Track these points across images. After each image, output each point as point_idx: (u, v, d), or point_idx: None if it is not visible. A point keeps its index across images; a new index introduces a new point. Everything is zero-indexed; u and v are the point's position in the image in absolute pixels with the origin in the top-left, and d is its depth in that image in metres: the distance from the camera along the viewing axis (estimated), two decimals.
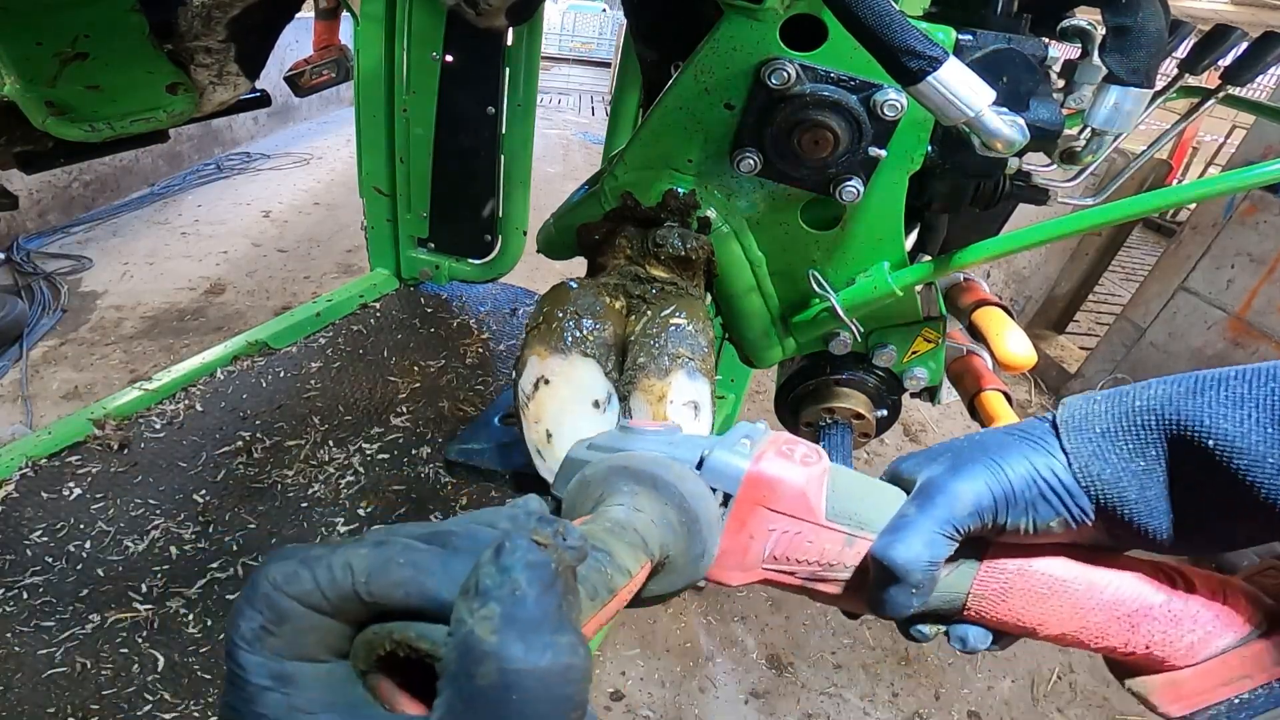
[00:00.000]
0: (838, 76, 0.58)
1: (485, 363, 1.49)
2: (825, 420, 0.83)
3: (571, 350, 0.59)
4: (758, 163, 0.62)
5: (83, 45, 0.83)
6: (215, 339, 2.53)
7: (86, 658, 0.87)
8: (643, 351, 0.59)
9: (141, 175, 4.37)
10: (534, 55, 1.47)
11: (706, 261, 0.69)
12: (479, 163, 1.56)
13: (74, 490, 1.04)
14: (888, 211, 0.68)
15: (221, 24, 0.89)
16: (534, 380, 0.59)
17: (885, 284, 0.69)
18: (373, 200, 1.64)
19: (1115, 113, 0.62)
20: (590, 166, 5.57)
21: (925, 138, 0.63)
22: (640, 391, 0.57)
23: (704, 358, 0.59)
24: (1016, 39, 0.60)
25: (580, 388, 0.58)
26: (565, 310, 0.61)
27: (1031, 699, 2.10)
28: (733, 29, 0.58)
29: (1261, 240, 2.83)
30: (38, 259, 3.37)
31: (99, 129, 0.85)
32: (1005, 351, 0.72)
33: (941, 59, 0.44)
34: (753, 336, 0.77)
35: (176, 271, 3.54)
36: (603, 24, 14.16)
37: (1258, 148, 2.95)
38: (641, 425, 0.40)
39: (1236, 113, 4.03)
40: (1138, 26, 0.58)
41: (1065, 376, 3.69)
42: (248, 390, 1.29)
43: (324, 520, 1.07)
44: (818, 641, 2.15)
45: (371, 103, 1.51)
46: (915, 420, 3.37)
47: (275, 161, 5.26)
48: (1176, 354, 3.10)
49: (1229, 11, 1.26)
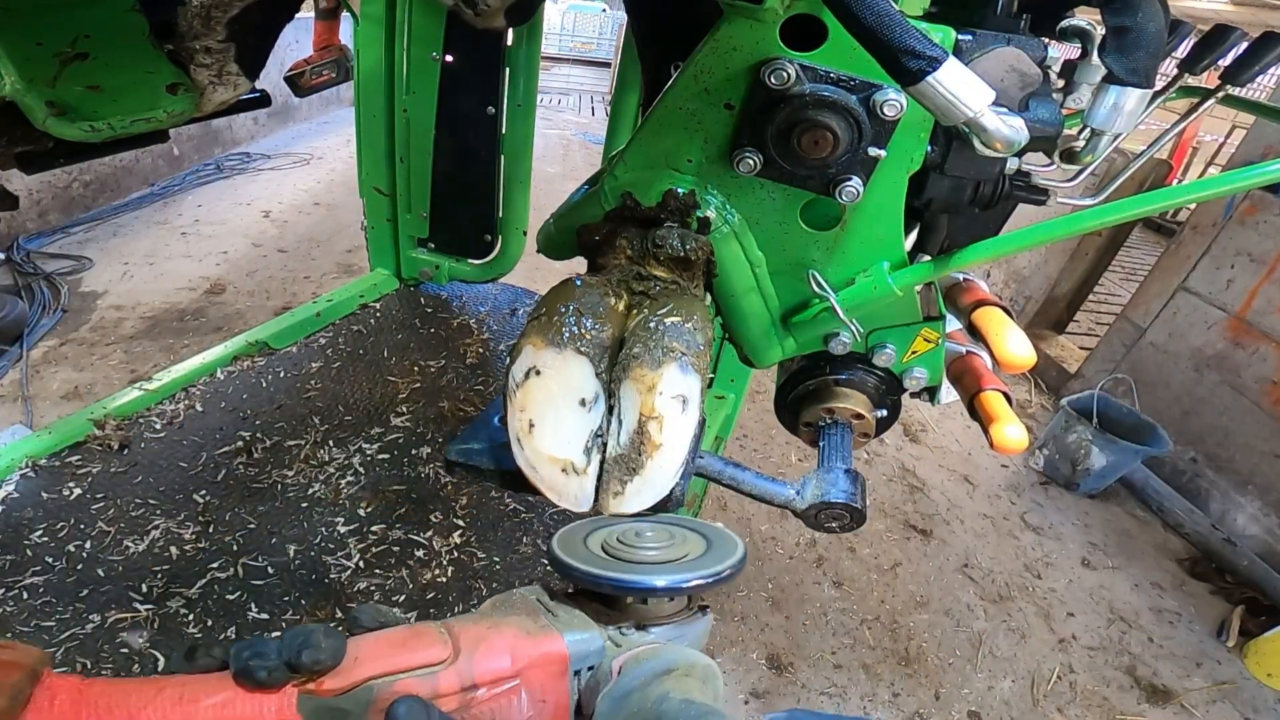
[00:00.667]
0: (838, 76, 0.58)
1: (485, 363, 1.49)
2: (825, 420, 0.83)
3: (567, 346, 0.59)
4: (757, 163, 0.62)
5: (83, 45, 0.83)
6: (215, 339, 2.53)
7: (86, 658, 0.87)
8: (638, 343, 0.59)
9: (141, 175, 4.37)
10: (534, 55, 1.47)
11: (706, 262, 0.69)
12: (479, 163, 1.56)
13: (74, 490, 1.04)
14: (887, 211, 0.68)
15: (221, 24, 0.89)
16: (525, 369, 0.59)
17: (885, 284, 0.69)
18: (373, 200, 1.64)
19: (1115, 113, 0.62)
20: (590, 166, 5.57)
21: (925, 138, 0.63)
22: (631, 380, 0.57)
23: (698, 354, 0.59)
24: (1016, 39, 0.60)
25: (569, 384, 0.59)
26: (568, 306, 0.61)
27: (1031, 699, 2.10)
28: (733, 29, 0.58)
29: (1261, 240, 2.84)
30: (38, 259, 3.37)
31: (99, 129, 0.85)
32: (1005, 351, 0.72)
33: (941, 59, 0.44)
34: (752, 336, 0.77)
35: (176, 271, 3.54)
36: (603, 24, 14.16)
37: (1258, 148, 2.95)
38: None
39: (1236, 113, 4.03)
40: (1137, 26, 0.58)
41: (1065, 376, 3.69)
42: (248, 390, 1.29)
43: (324, 520, 1.07)
44: (818, 641, 2.15)
45: (371, 103, 1.51)
46: (915, 420, 3.37)
47: (275, 161, 5.26)
48: (1176, 354, 3.10)
49: (1229, 11, 1.26)
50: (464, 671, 0.40)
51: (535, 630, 0.43)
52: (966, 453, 3.21)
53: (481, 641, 0.41)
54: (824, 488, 0.72)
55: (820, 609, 2.27)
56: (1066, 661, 2.24)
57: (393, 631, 0.42)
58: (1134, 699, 2.16)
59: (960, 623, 2.31)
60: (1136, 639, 2.38)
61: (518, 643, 0.42)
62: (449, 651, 0.40)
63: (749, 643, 2.11)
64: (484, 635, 0.42)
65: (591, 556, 0.46)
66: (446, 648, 0.40)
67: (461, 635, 0.42)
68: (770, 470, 1.82)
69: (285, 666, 0.36)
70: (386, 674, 0.38)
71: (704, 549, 0.48)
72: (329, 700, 0.37)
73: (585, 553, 0.46)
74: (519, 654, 0.41)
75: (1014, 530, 2.79)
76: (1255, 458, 2.76)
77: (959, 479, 3.03)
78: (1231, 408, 2.86)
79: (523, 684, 0.41)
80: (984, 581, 2.50)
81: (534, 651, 0.42)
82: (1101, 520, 2.93)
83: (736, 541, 0.48)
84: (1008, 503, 2.95)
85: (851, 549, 2.53)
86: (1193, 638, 2.42)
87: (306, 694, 0.37)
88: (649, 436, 0.57)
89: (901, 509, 2.78)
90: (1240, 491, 2.80)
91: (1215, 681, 2.26)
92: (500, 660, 0.41)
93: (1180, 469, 3.02)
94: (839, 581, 2.39)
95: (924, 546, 2.61)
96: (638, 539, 0.47)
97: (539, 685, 0.42)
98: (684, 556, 0.46)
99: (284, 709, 0.36)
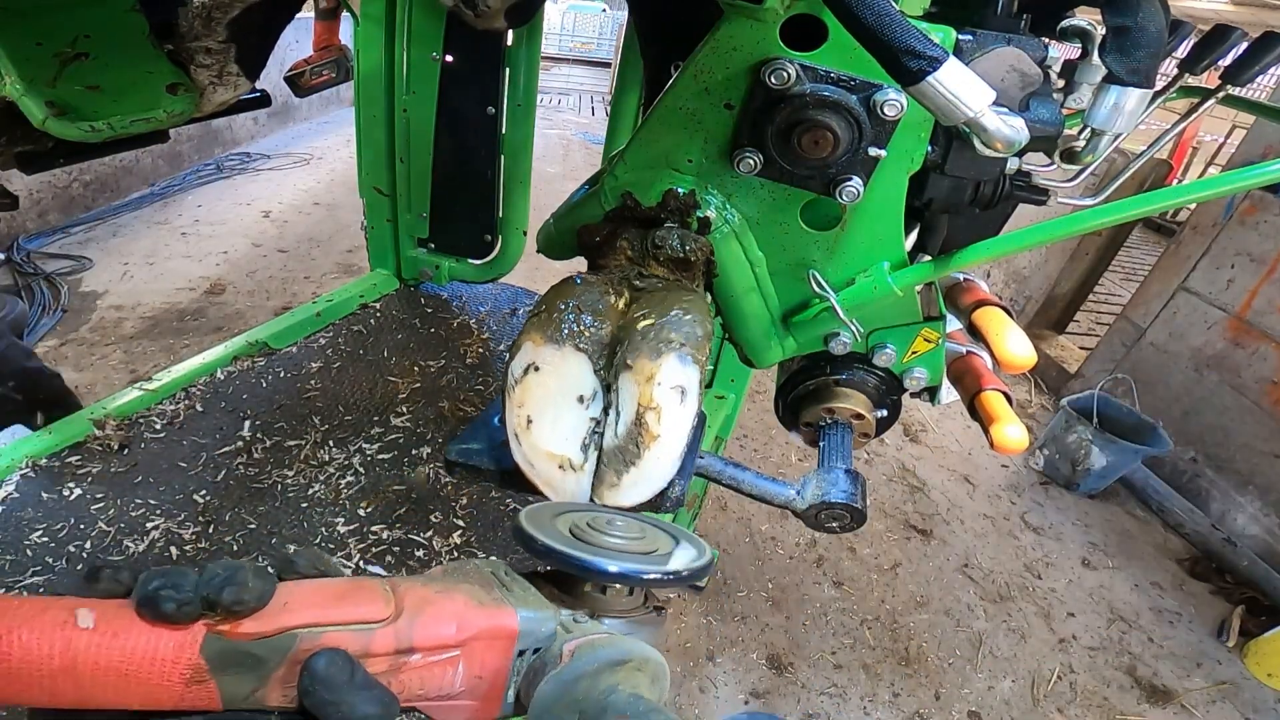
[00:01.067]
0: (838, 76, 0.58)
1: (485, 363, 1.49)
2: (825, 420, 0.83)
3: (566, 343, 0.59)
4: (758, 163, 0.62)
5: (83, 45, 0.83)
6: (215, 339, 2.53)
7: None
8: (638, 333, 0.59)
9: (141, 175, 4.37)
10: (534, 55, 1.47)
11: (706, 262, 0.69)
12: (479, 163, 1.56)
13: (74, 490, 1.04)
14: (887, 211, 0.68)
15: (221, 24, 0.89)
16: (524, 365, 0.59)
17: (885, 284, 0.69)
18: (373, 200, 1.64)
19: (1115, 113, 0.62)
20: (590, 166, 5.57)
21: (925, 138, 0.63)
22: (630, 371, 0.57)
23: (698, 346, 0.59)
24: (1017, 39, 0.60)
25: (568, 380, 0.59)
26: (568, 303, 0.61)
27: (1031, 699, 2.10)
28: (733, 29, 0.58)
29: (1261, 240, 2.84)
30: (38, 259, 3.37)
31: (99, 129, 0.85)
32: (1005, 351, 0.72)
33: (941, 59, 0.44)
34: (752, 337, 0.77)
35: (176, 271, 3.54)
36: (603, 24, 14.17)
37: (1258, 148, 2.95)
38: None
39: (1236, 113, 4.03)
40: (1138, 26, 0.58)
41: (1065, 376, 3.69)
42: (248, 390, 1.29)
43: (324, 520, 1.07)
44: (818, 641, 2.15)
45: (371, 103, 1.51)
46: (915, 420, 3.37)
47: (275, 161, 5.26)
48: (1176, 354, 3.10)
49: (1229, 11, 1.26)
50: (403, 633, 0.37)
51: (487, 601, 0.40)
52: (966, 453, 3.21)
53: (428, 604, 0.39)
54: (824, 488, 0.72)
55: (820, 609, 2.27)
56: (1066, 661, 2.24)
57: (331, 581, 0.39)
58: (1134, 699, 2.16)
59: (960, 623, 2.31)
60: (1136, 639, 2.38)
61: (468, 611, 0.39)
62: (390, 611, 0.37)
63: (749, 643, 2.11)
64: (431, 599, 0.39)
65: (556, 534, 0.44)
66: (389, 606, 0.37)
67: (407, 595, 0.39)
68: (770, 470, 1.83)
69: (201, 601, 0.32)
70: (316, 624, 0.35)
71: (671, 549, 0.47)
72: (241, 644, 0.33)
73: (551, 530, 0.44)
74: (466, 623, 0.39)
75: (1014, 530, 2.79)
76: (1255, 458, 2.76)
77: (959, 479, 3.03)
78: (1231, 408, 2.86)
79: (463, 655, 0.39)
80: (984, 581, 2.50)
81: (483, 623, 0.39)
82: (1101, 520, 2.94)
83: (706, 549, 0.47)
84: (1008, 503, 2.95)
85: (851, 549, 2.53)
86: (1193, 638, 2.42)
87: (216, 634, 0.33)
88: (647, 427, 0.56)
89: (901, 509, 2.78)
90: (1240, 491, 2.80)
91: (1215, 681, 2.26)
92: (445, 627, 0.38)
93: (1180, 469, 3.02)
94: (839, 581, 2.39)
95: (924, 546, 2.61)
96: (607, 526, 0.46)
97: (480, 659, 0.39)
98: (651, 552, 0.45)
99: (185, 647, 0.32)
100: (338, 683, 0.33)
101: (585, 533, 0.45)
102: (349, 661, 0.34)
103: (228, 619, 0.33)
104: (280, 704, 0.34)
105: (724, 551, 2.41)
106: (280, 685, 0.34)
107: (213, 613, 0.33)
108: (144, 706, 0.32)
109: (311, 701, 0.33)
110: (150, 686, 0.32)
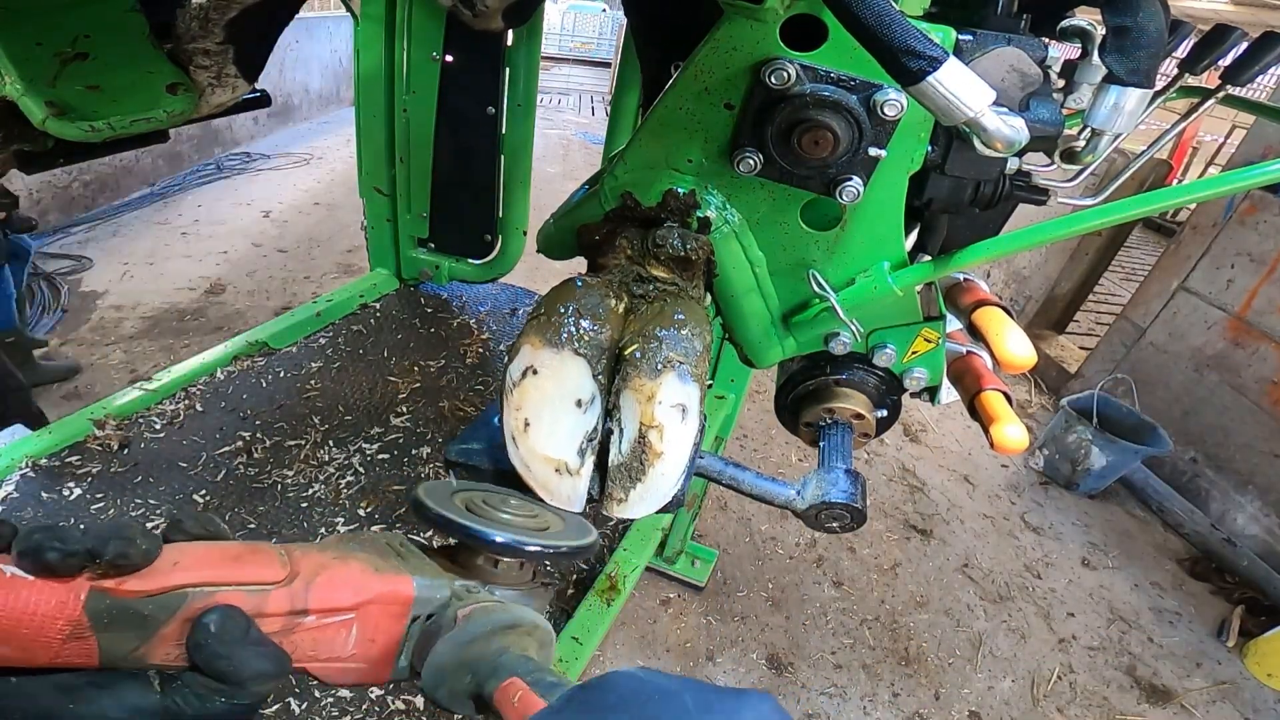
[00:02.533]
0: (838, 76, 0.58)
1: (485, 363, 1.49)
2: (825, 420, 0.83)
3: (565, 346, 0.59)
4: (758, 163, 0.62)
5: (83, 45, 0.83)
6: (215, 339, 2.53)
7: None
8: (637, 350, 0.59)
9: (141, 175, 4.37)
10: (534, 55, 1.47)
11: (706, 262, 0.69)
12: (479, 163, 1.56)
13: (74, 490, 1.04)
14: (888, 211, 0.68)
15: (219, 26, 0.89)
16: (523, 368, 0.59)
17: (885, 284, 0.69)
18: (373, 200, 1.64)
19: (1115, 113, 0.62)
20: (590, 166, 5.57)
21: (925, 138, 0.63)
22: (630, 390, 0.58)
23: (697, 362, 0.60)
24: (1017, 39, 0.60)
25: (566, 384, 0.59)
26: (568, 306, 0.61)
27: (1031, 699, 2.10)
28: (733, 29, 0.58)
29: (1261, 240, 2.84)
30: (38, 259, 3.37)
31: (99, 129, 0.85)
32: (1005, 351, 0.72)
33: (941, 59, 0.44)
34: (752, 337, 0.77)
35: (176, 271, 3.55)
36: (603, 24, 14.17)
37: (1258, 148, 2.95)
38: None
39: (1236, 113, 4.03)
40: (1138, 26, 0.58)
41: (1065, 376, 3.69)
42: (248, 390, 1.29)
43: (324, 520, 1.07)
44: (818, 641, 2.16)
45: (371, 103, 1.51)
46: (915, 420, 3.37)
47: (275, 161, 5.26)
48: (1176, 354, 3.10)
49: (1229, 11, 1.26)
50: (298, 595, 0.37)
51: (384, 568, 0.41)
52: (966, 453, 3.21)
53: (324, 569, 0.39)
54: (824, 488, 0.72)
55: (820, 609, 2.27)
56: (1066, 661, 2.24)
57: (226, 544, 0.38)
58: (1134, 699, 2.16)
59: (960, 623, 2.31)
60: (1136, 639, 2.38)
61: (364, 578, 0.40)
62: (285, 574, 0.37)
63: (749, 643, 2.11)
64: (327, 564, 0.40)
65: (451, 505, 0.45)
66: (284, 569, 0.38)
67: (302, 561, 0.39)
68: (770, 470, 1.82)
69: (85, 554, 0.31)
70: (208, 584, 0.34)
71: (560, 529, 0.49)
72: (127, 601, 0.32)
73: (447, 503, 0.45)
74: (362, 589, 0.40)
75: (1014, 530, 2.79)
76: (1255, 458, 2.76)
77: (959, 479, 3.03)
78: (1231, 408, 2.86)
79: (357, 619, 0.39)
80: (984, 581, 2.50)
81: (379, 588, 0.40)
82: (1101, 520, 2.94)
83: (591, 531, 0.50)
84: (1008, 503, 2.95)
85: (851, 549, 2.53)
86: (1193, 638, 2.42)
87: (101, 591, 0.32)
88: (650, 445, 0.57)
89: (901, 509, 2.78)
90: (1240, 491, 2.80)
91: (1215, 681, 2.26)
92: (341, 591, 0.39)
93: (1180, 469, 3.02)
94: (839, 581, 2.39)
95: (924, 546, 2.61)
96: (501, 504, 0.48)
97: (374, 623, 0.40)
98: (541, 530, 0.47)
99: (67, 603, 0.31)
100: (231, 638, 0.33)
101: (479, 508, 0.47)
102: (244, 618, 0.34)
103: (112, 574, 0.32)
104: (163, 662, 0.34)
105: (724, 551, 2.41)
106: (166, 643, 0.34)
107: (95, 567, 0.32)
108: (18, 662, 0.31)
109: (202, 656, 0.33)
110: (26, 640, 0.31)
